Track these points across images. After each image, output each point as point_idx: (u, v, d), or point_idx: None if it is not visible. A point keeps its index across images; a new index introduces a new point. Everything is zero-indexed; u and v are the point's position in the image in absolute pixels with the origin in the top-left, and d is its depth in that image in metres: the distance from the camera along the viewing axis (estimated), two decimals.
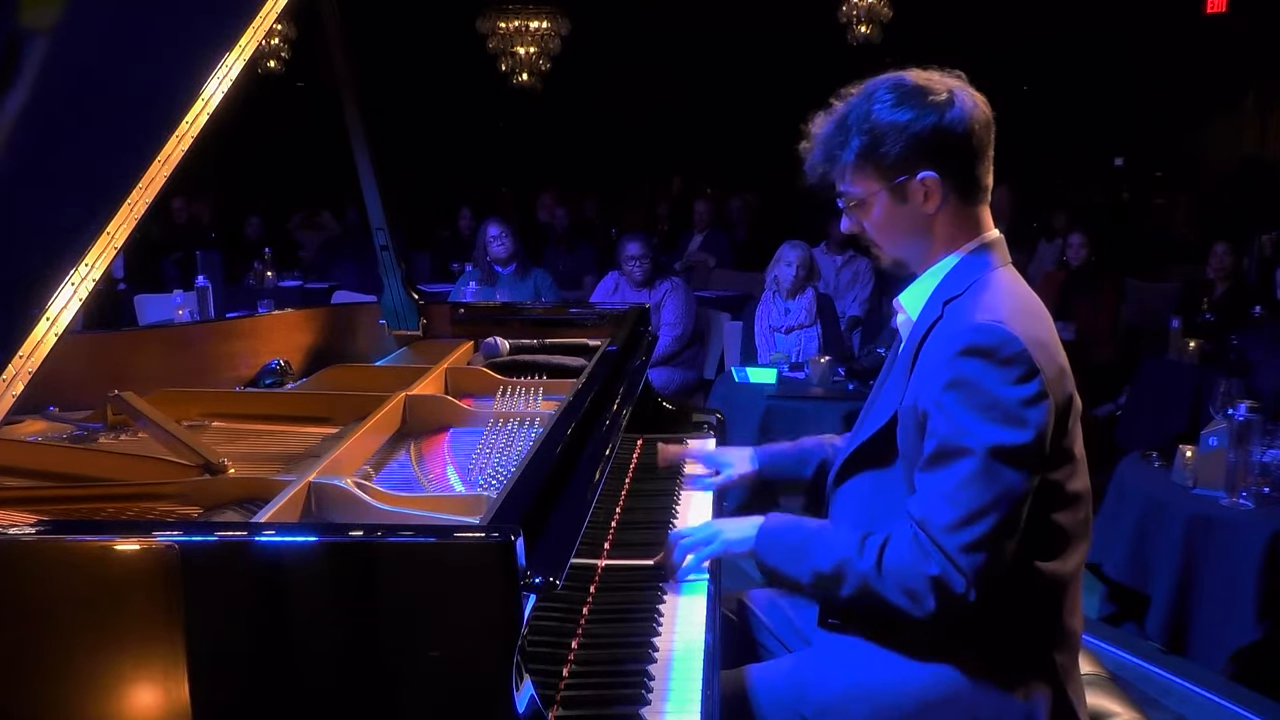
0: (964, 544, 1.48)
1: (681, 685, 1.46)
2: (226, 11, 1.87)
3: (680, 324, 5.53)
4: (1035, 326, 1.57)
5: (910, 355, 1.64)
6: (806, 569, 1.64)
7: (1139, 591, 3.49)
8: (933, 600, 1.50)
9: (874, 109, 1.62)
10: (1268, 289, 5.91)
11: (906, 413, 1.60)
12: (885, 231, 1.69)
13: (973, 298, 1.60)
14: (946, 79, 1.65)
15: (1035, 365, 1.50)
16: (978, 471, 1.49)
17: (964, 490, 1.49)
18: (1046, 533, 1.58)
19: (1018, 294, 1.63)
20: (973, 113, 1.62)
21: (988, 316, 1.54)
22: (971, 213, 1.67)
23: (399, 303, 2.89)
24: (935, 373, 1.54)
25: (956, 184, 1.64)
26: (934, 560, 1.50)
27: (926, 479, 1.54)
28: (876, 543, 1.57)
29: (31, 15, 1.75)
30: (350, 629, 1.18)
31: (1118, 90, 11.66)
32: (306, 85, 10.75)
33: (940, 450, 1.52)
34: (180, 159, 1.64)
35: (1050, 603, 1.61)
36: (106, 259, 1.51)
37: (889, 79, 1.66)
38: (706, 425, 2.71)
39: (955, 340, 1.54)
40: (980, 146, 1.64)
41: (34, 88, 1.64)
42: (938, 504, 1.51)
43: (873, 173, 1.64)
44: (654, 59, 11.89)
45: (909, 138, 1.60)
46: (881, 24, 8.75)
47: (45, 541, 1.22)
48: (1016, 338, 1.50)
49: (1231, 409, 3.19)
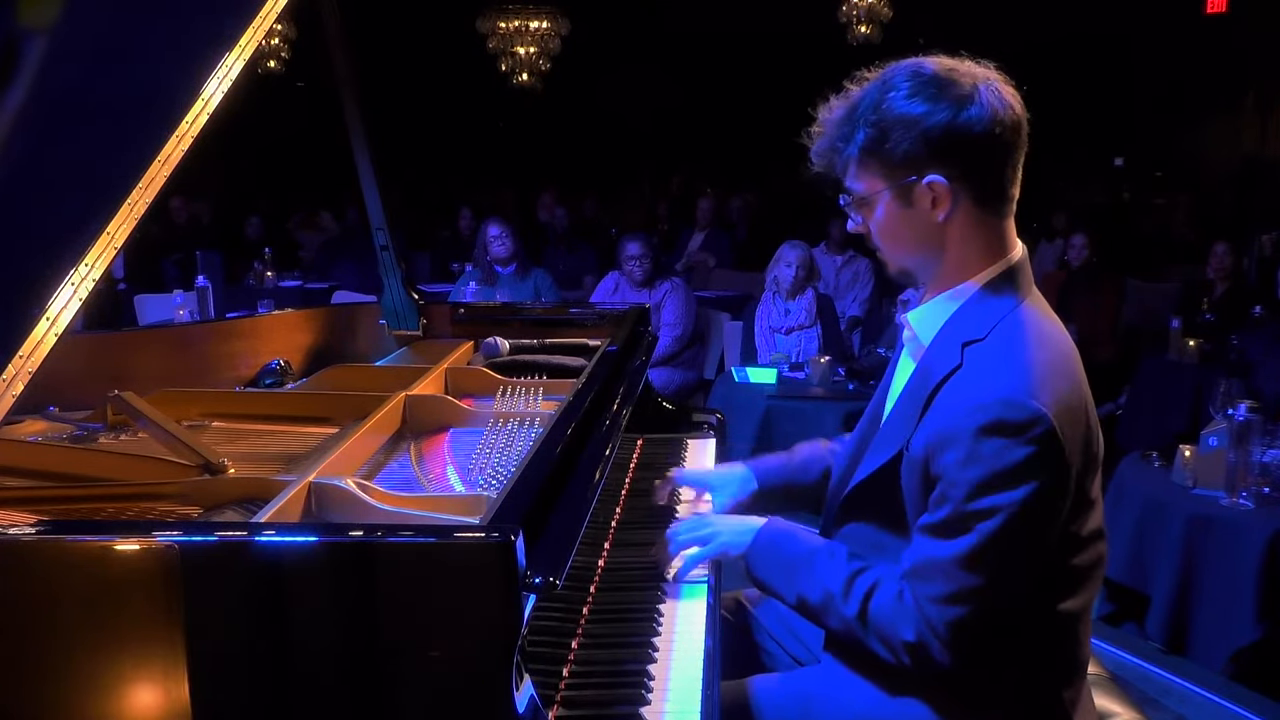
0: (949, 619, 1.43)
1: (681, 685, 1.46)
2: (226, 11, 1.87)
3: (680, 324, 5.53)
4: (1064, 386, 1.44)
5: (923, 397, 1.51)
6: (793, 592, 1.61)
7: (1139, 591, 3.49)
8: (908, 660, 1.47)
9: (887, 97, 1.47)
10: (1268, 289, 5.91)
11: (913, 460, 1.50)
12: (890, 237, 1.56)
13: (997, 349, 1.46)
14: (974, 69, 1.49)
15: (1060, 443, 1.39)
16: (976, 552, 1.41)
17: (958, 566, 1.42)
18: (1062, 576, 1.52)
19: (1046, 343, 1.48)
20: (998, 111, 1.45)
21: (1014, 385, 1.40)
22: (991, 226, 1.52)
23: (399, 303, 2.89)
24: (952, 438, 1.42)
25: (972, 191, 1.48)
26: (913, 625, 1.45)
27: (925, 542, 1.47)
28: (863, 587, 1.52)
29: (31, 15, 1.75)
30: (350, 629, 1.18)
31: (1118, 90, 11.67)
32: (306, 85, 10.76)
33: (946, 520, 1.43)
34: (180, 159, 1.64)
35: (1064, 636, 1.56)
36: (106, 259, 1.51)
37: (909, 65, 1.50)
38: (706, 425, 2.71)
39: (977, 411, 1.40)
40: (1005, 150, 1.48)
41: (34, 87, 1.64)
42: (929, 571, 1.45)
43: (877, 170, 1.50)
44: (654, 59, 11.89)
45: (918, 134, 1.45)
46: (881, 24, 8.76)
47: (45, 541, 1.21)
48: (1045, 415, 1.38)
49: (1231, 409, 3.19)
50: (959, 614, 1.43)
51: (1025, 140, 1.50)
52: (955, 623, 1.43)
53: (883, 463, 1.57)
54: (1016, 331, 1.48)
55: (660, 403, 2.77)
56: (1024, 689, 1.55)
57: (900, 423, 1.56)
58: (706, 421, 2.72)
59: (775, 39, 11.28)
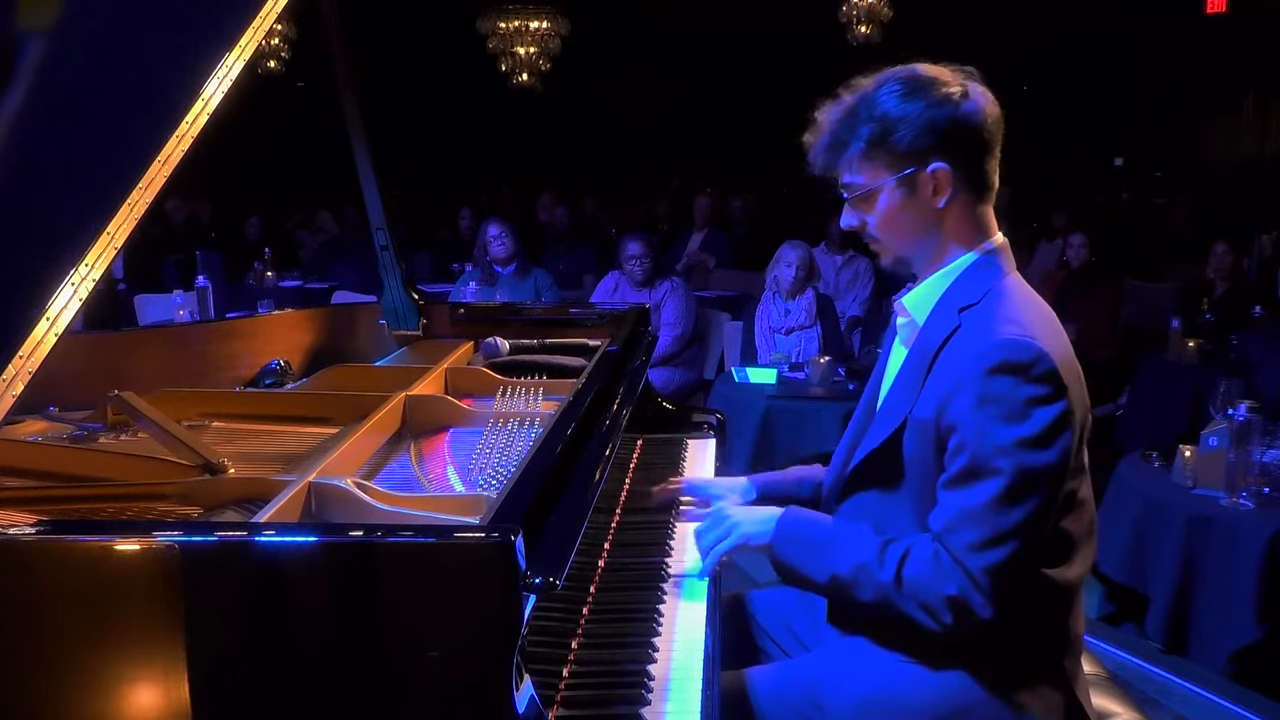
0: (987, 564, 1.47)
1: (681, 685, 1.46)
2: (226, 11, 1.87)
3: (680, 324, 5.53)
4: (1059, 341, 1.54)
5: (924, 364, 1.59)
6: (824, 570, 1.61)
7: (1139, 591, 3.49)
8: (950, 617, 1.49)
9: (885, 98, 1.58)
10: (1268, 289, 5.91)
11: (921, 424, 1.56)
12: (891, 226, 1.64)
13: (991, 307, 1.56)
14: (959, 72, 1.62)
15: (1064, 383, 1.48)
16: (1006, 491, 1.46)
17: (991, 510, 1.47)
18: (1057, 540, 1.56)
19: (1036, 305, 1.60)
20: (986, 107, 1.60)
21: (1015, 330, 1.50)
22: (980, 212, 1.64)
23: (399, 303, 2.89)
24: (962, 387, 1.50)
25: (967, 178, 1.60)
26: (954, 580, 1.48)
27: (952, 495, 1.51)
28: (897, 554, 1.54)
29: (31, 15, 1.75)
30: (350, 629, 1.18)
31: (1118, 90, 11.69)
32: (306, 85, 10.76)
33: (969, 468, 1.49)
34: (180, 159, 1.64)
35: (1059, 609, 1.60)
36: (106, 259, 1.51)
37: (901, 70, 1.62)
38: (706, 425, 2.70)
39: (984, 355, 1.49)
40: (991, 142, 1.61)
41: (34, 87, 1.64)
42: (962, 522, 1.49)
43: (882, 162, 1.60)
44: (654, 59, 11.90)
45: (921, 126, 1.56)
46: (881, 24, 8.77)
47: (45, 541, 1.22)
48: (1047, 354, 1.47)
49: (1231, 409, 3.19)
50: (999, 557, 1.47)
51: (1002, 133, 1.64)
52: (996, 568, 1.47)
53: (885, 436, 1.62)
54: (1009, 294, 1.59)
55: (660, 403, 2.77)
56: (1024, 656, 1.58)
57: (901, 396, 1.63)
58: (706, 422, 2.72)
59: (775, 39, 11.29)
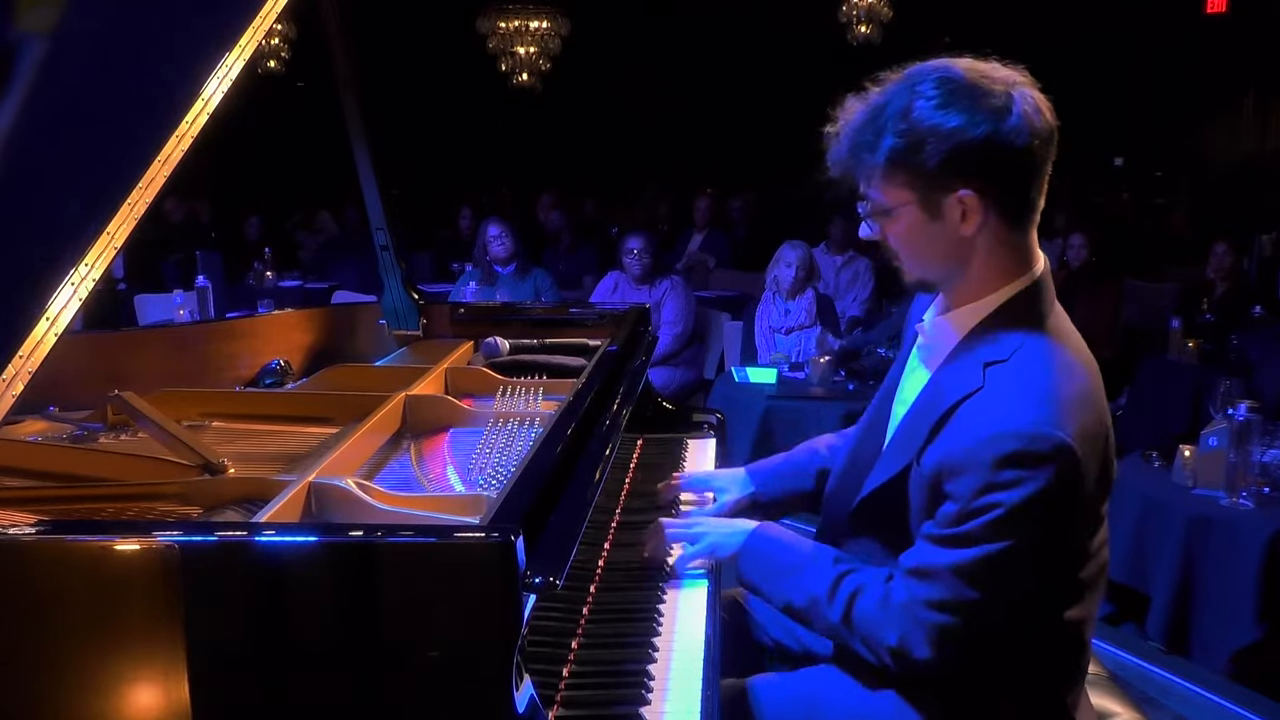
0: (938, 623, 1.42)
1: (681, 685, 1.46)
2: (226, 11, 1.87)
3: (680, 322, 5.53)
4: (1088, 415, 1.40)
5: (938, 413, 1.46)
6: (780, 596, 1.62)
7: (1139, 591, 3.49)
8: (890, 662, 1.48)
9: (916, 105, 1.39)
10: (1268, 289, 5.91)
11: (923, 474, 1.47)
12: (913, 250, 1.49)
13: (1020, 374, 1.41)
14: (1006, 74, 1.41)
15: (1080, 475, 1.36)
16: (980, 566, 1.38)
17: (962, 577, 1.39)
18: (1069, 587, 1.51)
19: (1071, 370, 1.43)
20: (1034, 122, 1.39)
21: (1039, 416, 1.35)
22: (1018, 241, 1.46)
23: (399, 303, 2.89)
24: (969, 464, 1.38)
25: (1002, 205, 1.42)
26: (895, 630, 1.45)
27: (928, 548, 1.44)
28: (847, 592, 1.52)
29: (31, 15, 1.75)
30: (350, 629, 1.18)
31: (1118, 90, 11.68)
32: (306, 85, 10.76)
33: (952, 534, 1.40)
34: (180, 159, 1.64)
35: (1070, 646, 1.56)
36: (106, 259, 1.51)
37: (937, 68, 1.41)
38: (706, 425, 2.70)
39: (998, 440, 1.35)
40: (1038, 164, 1.42)
41: (34, 88, 1.64)
42: (930, 576, 1.43)
43: (905, 181, 1.42)
44: (654, 59, 11.91)
45: (953, 146, 1.37)
46: (881, 24, 8.76)
47: (45, 541, 1.21)
48: (1069, 446, 1.34)
49: (1231, 409, 3.19)
50: (948, 621, 1.42)
51: (1055, 150, 1.44)
52: (943, 629, 1.43)
53: (891, 475, 1.54)
54: (1041, 356, 1.42)
55: (660, 403, 2.77)
56: (1029, 694, 1.56)
57: (911, 436, 1.52)
58: (706, 421, 2.72)
59: (775, 39, 11.28)
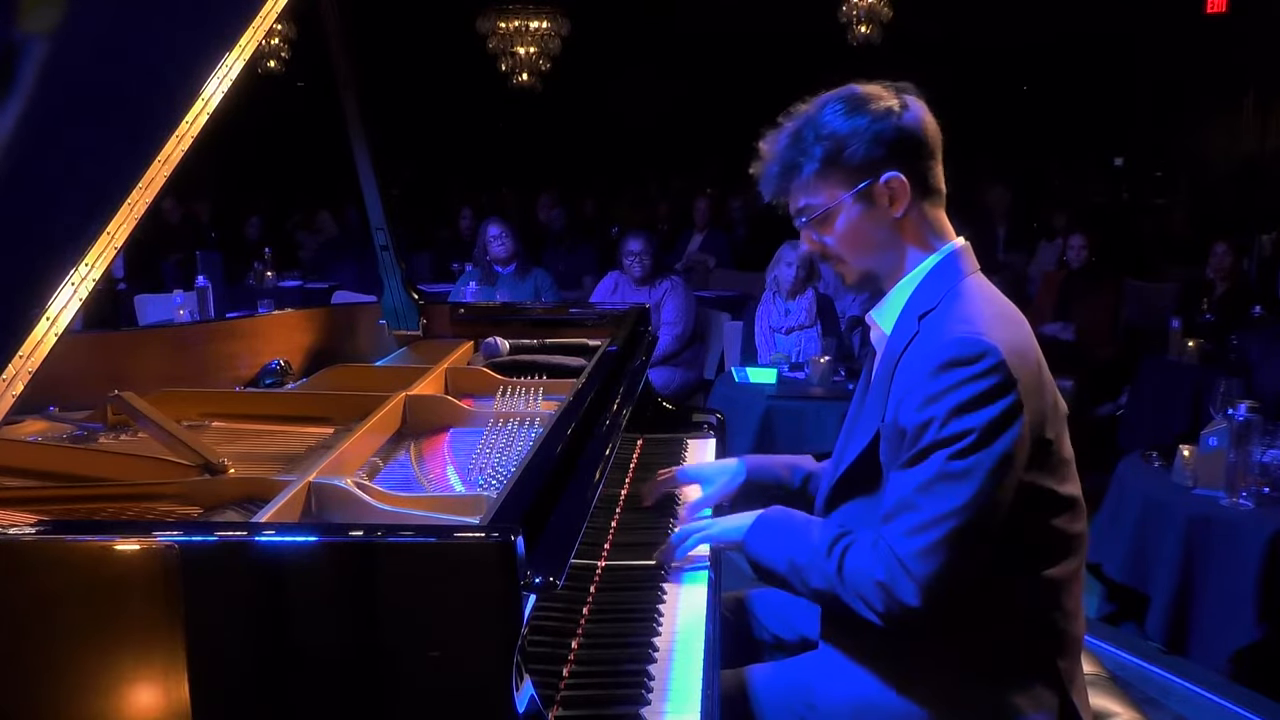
0: (915, 549, 1.46)
1: (681, 685, 1.46)
2: (226, 11, 1.87)
3: (680, 322, 5.53)
4: (1013, 333, 1.54)
5: (888, 372, 1.61)
6: (784, 557, 1.64)
7: (1139, 591, 3.49)
8: (878, 604, 1.49)
9: (829, 118, 1.62)
10: (1268, 289, 5.91)
11: (888, 429, 1.58)
12: (852, 243, 1.66)
13: (947, 309, 1.58)
14: (892, 88, 1.66)
15: (1013, 376, 1.48)
16: (941, 476, 1.47)
17: (924, 494, 1.47)
18: (1044, 539, 1.58)
19: (992, 300, 1.61)
20: (925, 117, 1.64)
21: (965, 328, 1.51)
22: (934, 216, 1.67)
23: (399, 303, 2.89)
24: (915, 388, 1.52)
25: (919, 185, 1.63)
26: (882, 565, 1.49)
27: (897, 481, 1.53)
28: (842, 545, 1.56)
29: (31, 15, 1.75)
30: (350, 629, 1.18)
31: (1118, 90, 11.68)
32: (306, 85, 10.76)
33: (912, 455, 1.51)
34: (180, 159, 1.64)
35: (1051, 608, 1.60)
36: (106, 259, 1.51)
37: (838, 91, 1.66)
38: (706, 425, 2.71)
39: (934, 355, 1.51)
40: (936, 148, 1.65)
41: (34, 88, 1.64)
42: (898, 509, 1.50)
43: (838, 180, 1.62)
44: (654, 59, 11.90)
45: (871, 137, 1.59)
46: (881, 24, 8.75)
47: (45, 541, 1.22)
48: (995, 348, 1.48)
49: (1231, 409, 3.19)
50: (924, 543, 1.46)
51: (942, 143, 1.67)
52: (921, 553, 1.46)
53: (862, 447, 1.64)
54: (964, 295, 1.60)
55: (660, 403, 2.78)
56: (1016, 657, 1.58)
57: (874, 404, 1.65)
58: (706, 421, 2.72)
59: (775, 39, 11.28)
